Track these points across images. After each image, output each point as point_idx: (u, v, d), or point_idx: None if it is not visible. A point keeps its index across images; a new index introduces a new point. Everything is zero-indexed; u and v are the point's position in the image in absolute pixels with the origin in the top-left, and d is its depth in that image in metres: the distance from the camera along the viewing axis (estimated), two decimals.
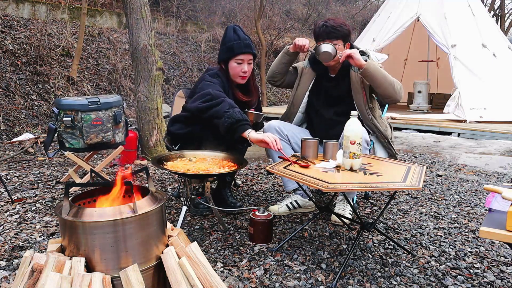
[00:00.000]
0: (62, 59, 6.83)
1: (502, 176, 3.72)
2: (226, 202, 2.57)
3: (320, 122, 2.58)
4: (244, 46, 2.38)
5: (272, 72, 2.62)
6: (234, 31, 2.41)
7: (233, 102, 2.17)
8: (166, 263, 1.36)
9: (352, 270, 1.88)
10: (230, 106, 2.11)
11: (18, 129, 5.36)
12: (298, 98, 2.59)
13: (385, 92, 2.33)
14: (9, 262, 1.90)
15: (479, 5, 8.22)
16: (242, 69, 2.40)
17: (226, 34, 2.43)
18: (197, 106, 2.21)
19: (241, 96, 2.49)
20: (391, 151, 2.47)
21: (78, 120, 2.87)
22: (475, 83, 6.90)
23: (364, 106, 2.44)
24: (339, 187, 1.71)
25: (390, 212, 2.68)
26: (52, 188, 3.05)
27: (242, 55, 2.38)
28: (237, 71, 2.42)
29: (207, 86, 2.28)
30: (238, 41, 2.38)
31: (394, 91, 2.33)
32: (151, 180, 1.53)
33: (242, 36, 2.40)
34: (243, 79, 2.45)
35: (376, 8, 13.93)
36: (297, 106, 2.61)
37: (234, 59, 2.39)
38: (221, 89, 2.29)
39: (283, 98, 10.51)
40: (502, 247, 2.17)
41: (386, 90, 2.32)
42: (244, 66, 2.40)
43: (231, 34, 2.40)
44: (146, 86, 3.82)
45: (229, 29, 2.44)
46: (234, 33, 2.40)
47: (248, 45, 2.40)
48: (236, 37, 2.39)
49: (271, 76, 2.65)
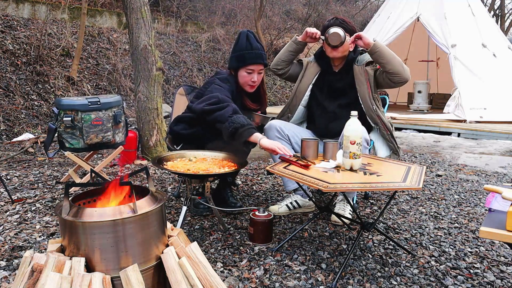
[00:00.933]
0: (62, 59, 6.82)
1: (502, 176, 3.72)
2: (226, 202, 2.57)
3: (322, 115, 2.58)
4: (256, 57, 2.36)
5: (278, 60, 2.62)
6: (247, 38, 2.38)
7: (238, 108, 2.16)
8: (166, 263, 1.36)
9: (352, 270, 1.88)
10: (234, 112, 2.11)
11: (18, 129, 5.36)
12: (301, 90, 2.59)
13: (394, 69, 2.33)
14: (9, 262, 1.90)
15: (479, 5, 8.22)
16: (251, 78, 2.39)
17: (239, 41, 2.40)
18: (202, 108, 2.21)
19: (249, 103, 2.49)
20: (393, 146, 2.48)
21: (78, 120, 2.87)
22: (475, 83, 6.90)
23: (368, 96, 2.46)
24: (339, 187, 1.71)
25: (390, 212, 2.68)
26: (52, 188, 3.05)
27: (253, 66, 2.37)
28: (247, 80, 2.40)
29: (216, 90, 2.27)
30: (250, 51, 2.36)
31: (403, 68, 2.34)
32: (151, 180, 1.53)
33: (255, 45, 2.37)
34: (251, 88, 2.44)
35: (376, 8, 13.94)
36: (299, 98, 2.61)
37: (245, 68, 2.38)
38: (229, 95, 2.28)
39: (283, 98, 10.51)
40: (502, 247, 2.17)
41: (395, 67, 2.33)
42: (254, 76, 2.39)
43: (243, 42, 2.37)
44: (146, 86, 3.82)
45: (242, 35, 2.40)
46: (247, 41, 2.37)
47: (260, 55, 2.38)
48: (248, 46, 2.36)
49: (275, 64, 2.64)
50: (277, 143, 2.10)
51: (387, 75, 2.39)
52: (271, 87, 10.60)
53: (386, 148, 2.50)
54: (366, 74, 2.46)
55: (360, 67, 2.47)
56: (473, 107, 6.74)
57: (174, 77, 8.68)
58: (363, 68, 2.47)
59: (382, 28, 7.94)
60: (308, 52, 11.64)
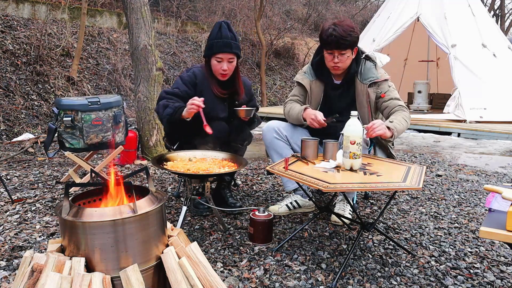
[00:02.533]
0: (62, 59, 6.82)
1: (502, 176, 3.72)
2: (226, 202, 2.57)
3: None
4: (223, 46, 2.39)
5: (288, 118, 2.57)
6: (219, 28, 2.41)
7: (165, 103, 2.35)
8: (166, 263, 1.36)
9: (352, 270, 1.88)
10: (163, 107, 2.34)
11: (18, 129, 5.36)
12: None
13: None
14: (9, 262, 1.90)
15: (479, 5, 8.21)
16: (221, 67, 2.43)
17: (212, 30, 2.46)
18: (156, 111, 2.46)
19: (218, 90, 2.49)
20: (390, 154, 2.47)
21: (78, 120, 2.87)
22: (475, 83, 6.90)
23: (368, 119, 2.41)
24: (339, 187, 1.71)
25: (390, 212, 2.68)
26: (52, 188, 3.05)
27: (221, 54, 2.40)
28: (217, 69, 2.45)
29: (174, 84, 2.53)
30: (219, 40, 2.39)
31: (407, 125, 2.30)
32: (151, 180, 1.53)
33: (224, 34, 2.40)
34: (223, 76, 2.47)
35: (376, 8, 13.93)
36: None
37: (214, 57, 2.42)
38: (184, 87, 2.44)
39: (283, 98, 10.50)
40: (502, 247, 2.17)
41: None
42: (224, 64, 2.42)
43: (215, 32, 2.42)
44: (146, 86, 3.82)
45: (216, 25, 2.45)
46: (219, 30, 2.41)
47: (229, 44, 2.40)
48: (219, 35, 2.40)
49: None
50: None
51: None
52: (271, 87, 10.60)
53: (382, 153, 2.49)
54: (368, 96, 2.40)
55: (363, 85, 2.40)
56: (473, 107, 6.74)
57: (174, 77, 8.68)
58: (365, 88, 2.39)
59: (382, 28, 7.94)
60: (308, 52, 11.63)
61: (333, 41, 2.27)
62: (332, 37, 2.26)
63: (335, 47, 2.30)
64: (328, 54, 2.37)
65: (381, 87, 2.41)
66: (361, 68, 2.44)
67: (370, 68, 2.43)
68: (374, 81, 2.40)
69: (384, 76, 2.42)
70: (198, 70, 2.53)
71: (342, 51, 2.31)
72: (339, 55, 2.32)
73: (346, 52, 2.32)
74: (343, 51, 2.31)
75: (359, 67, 2.44)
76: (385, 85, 2.42)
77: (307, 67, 2.59)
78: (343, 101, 2.48)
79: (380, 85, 2.41)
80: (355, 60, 2.42)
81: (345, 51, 2.31)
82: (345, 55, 2.33)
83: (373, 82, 2.40)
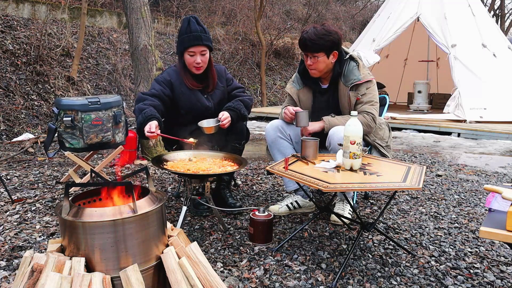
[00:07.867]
0: (62, 59, 6.82)
1: (502, 176, 3.72)
2: (226, 202, 2.57)
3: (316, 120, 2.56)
4: (193, 39, 2.41)
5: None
6: (188, 23, 2.43)
7: (141, 106, 2.34)
8: (166, 263, 1.36)
9: (352, 270, 1.88)
10: (139, 111, 2.32)
11: (18, 129, 5.36)
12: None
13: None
14: (9, 262, 1.90)
15: (479, 5, 8.21)
16: (195, 60, 2.45)
17: (181, 26, 2.48)
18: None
19: (193, 84, 2.53)
20: (382, 153, 2.47)
21: (78, 120, 2.87)
22: (475, 83, 6.89)
23: None
24: (339, 187, 1.71)
25: (390, 212, 2.68)
26: (52, 188, 3.05)
27: (193, 48, 2.42)
28: (191, 62, 2.47)
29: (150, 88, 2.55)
30: (189, 34, 2.41)
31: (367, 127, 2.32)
32: (151, 180, 1.53)
33: (194, 28, 2.42)
34: (197, 70, 2.50)
35: (376, 8, 13.94)
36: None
37: (187, 51, 2.44)
38: (159, 86, 2.46)
39: (283, 98, 10.50)
40: (502, 247, 2.17)
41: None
42: (197, 58, 2.44)
43: (184, 27, 2.44)
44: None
45: (184, 21, 2.47)
46: (188, 26, 2.43)
47: (199, 37, 2.42)
48: (188, 29, 2.42)
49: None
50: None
51: None
52: (271, 87, 10.60)
53: (377, 153, 2.49)
54: (349, 99, 2.40)
55: (345, 88, 2.40)
56: (473, 107, 6.73)
57: None
58: (347, 91, 2.39)
59: (382, 28, 7.94)
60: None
61: (303, 44, 2.36)
62: (302, 40, 2.35)
63: (304, 49, 2.36)
64: (304, 56, 2.42)
65: (360, 90, 2.39)
66: (344, 69, 2.43)
67: (353, 69, 2.42)
68: (355, 83, 2.38)
69: (366, 77, 2.40)
70: (171, 70, 2.57)
71: (315, 54, 2.34)
72: (312, 57, 2.36)
73: (318, 54, 2.34)
74: (316, 54, 2.34)
75: (342, 69, 2.43)
76: (363, 88, 2.39)
77: (295, 75, 2.61)
78: (330, 106, 2.49)
79: (360, 87, 2.39)
80: (338, 62, 2.42)
81: (317, 53, 2.34)
82: (318, 58, 2.34)
83: (354, 84, 2.38)
